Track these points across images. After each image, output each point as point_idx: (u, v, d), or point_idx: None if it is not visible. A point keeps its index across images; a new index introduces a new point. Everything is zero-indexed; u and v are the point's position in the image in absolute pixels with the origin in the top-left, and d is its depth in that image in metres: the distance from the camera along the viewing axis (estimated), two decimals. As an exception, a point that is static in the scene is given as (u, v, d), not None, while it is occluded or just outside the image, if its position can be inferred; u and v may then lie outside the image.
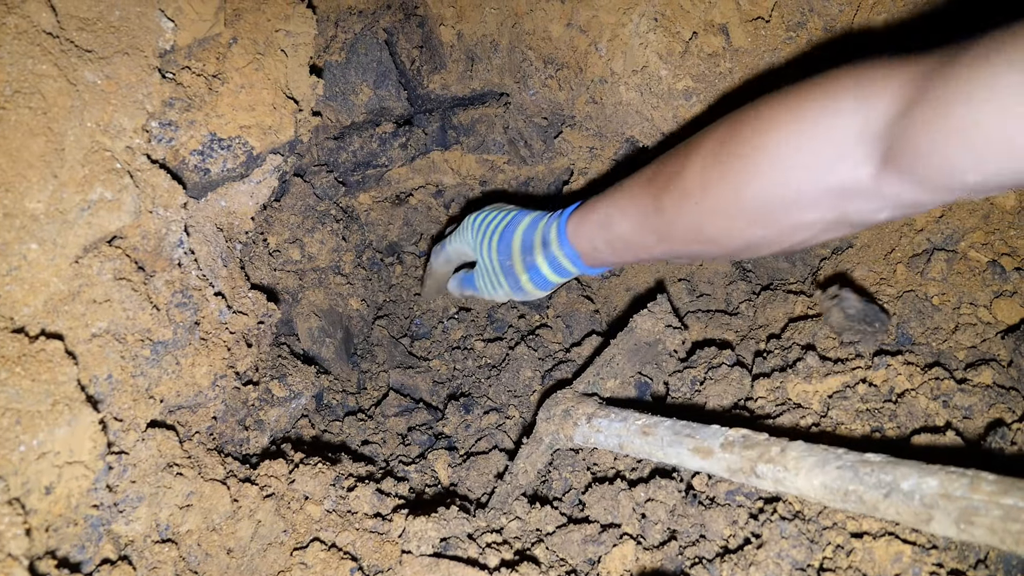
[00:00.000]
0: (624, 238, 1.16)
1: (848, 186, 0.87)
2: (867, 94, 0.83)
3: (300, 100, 1.41)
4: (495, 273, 1.40)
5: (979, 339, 1.25)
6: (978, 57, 0.72)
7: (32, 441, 0.92)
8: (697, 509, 1.16)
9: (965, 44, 0.75)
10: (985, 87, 0.70)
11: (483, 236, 1.43)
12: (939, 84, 0.75)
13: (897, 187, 0.84)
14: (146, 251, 1.15)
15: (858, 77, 0.85)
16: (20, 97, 1.00)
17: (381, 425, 1.63)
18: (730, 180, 0.95)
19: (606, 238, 1.19)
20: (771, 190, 0.91)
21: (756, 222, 0.96)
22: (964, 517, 0.84)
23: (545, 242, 1.30)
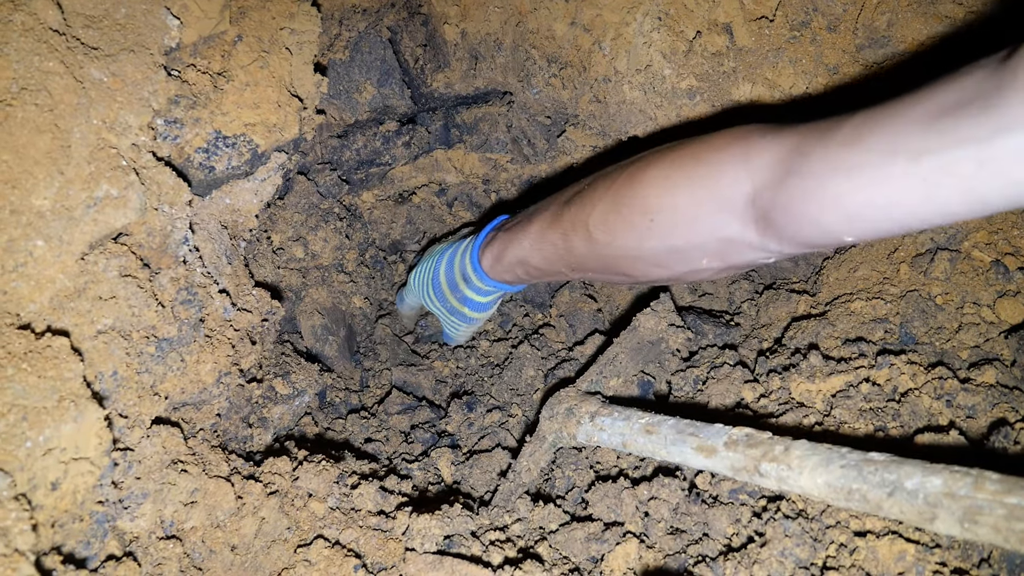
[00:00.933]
0: (540, 268, 1.30)
1: (736, 240, 0.98)
2: (751, 161, 0.92)
3: (304, 98, 1.41)
4: (446, 317, 1.60)
5: (982, 339, 1.26)
6: (849, 136, 0.81)
7: (38, 437, 0.92)
8: (700, 507, 1.16)
9: (839, 119, 0.84)
10: (854, 165, 0.80)
11: (423, 292, 1.62)
12: (815, 159, 0.84)
13: (778, 244, 0.95)
14: (151, 248, 1.15)
15: (745, 144, 0.95)
16: (27, 94, 1.00)
17: (384, 423, 1.64)
18: (634, 232, 1.06)
19: (523, 270, 1.33)
20: (670, 242, 1.04)
21: (659, 265, 1.09)
22: (968, 516, 0.84)
23: (466, 278, 1.47)
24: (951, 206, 0.77)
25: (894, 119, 0.79)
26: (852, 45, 1.59)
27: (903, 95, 0.81)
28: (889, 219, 0.82)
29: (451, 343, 1.79)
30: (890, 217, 0.82)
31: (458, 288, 1.50)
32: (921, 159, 0.76)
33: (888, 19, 1.55)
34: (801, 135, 0.89)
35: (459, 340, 1.73)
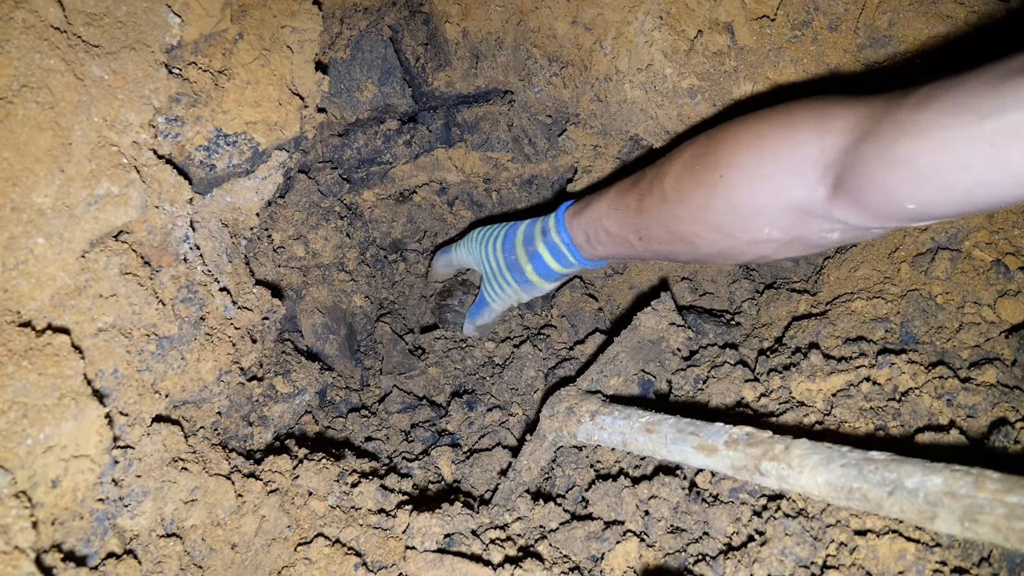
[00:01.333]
0: (610, 233, 1.31)
1: (803, 206, 0.98)
2: (824, 126, 0.94)
3: (305, 97, 1.41)
4: (500, 272, 1.56)
5: (983, 338, 1.26)
6: (919, 102, 0.82)
7: (39, 435, 0.92)
8: (701, 506, 1.16)
9: (910, 90, 0.85)
10: (923, 128, 0.81)
11: (486, 240, 1.59)
12: (886, 123, 0.85)
13: (845, 211, 0.95)
14: (152, 246, 1.15)
15: (817, 110, 0.96)
16: (27, 91, 1.00)
17: (384, 422, 1.64)
18: (702, 189, 1.07)
19: (596, 231, 1.35)
20: (736, 200, 1.03)
21: (722, 230, 1.09)
22: (968, 515, 0.84)
23: (544, 231, 1.46)
24: (1015, 166, 0.77)
25: (963, 84, 0.80)
26: (853, 45, 1.59)
27: (974, 67, 0.82)
28: (956, 185, 0.82)
29: (474, 322, 1.76)
30: (957, 183, 0.82)
31: (533, 241, 1.48)
32: (986, 120, 0.76)
33: (889, 18, 1.55)
34: (873, 103, 0.90)
35: (484, 319, 1.72)
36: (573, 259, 1.44)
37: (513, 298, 1.60)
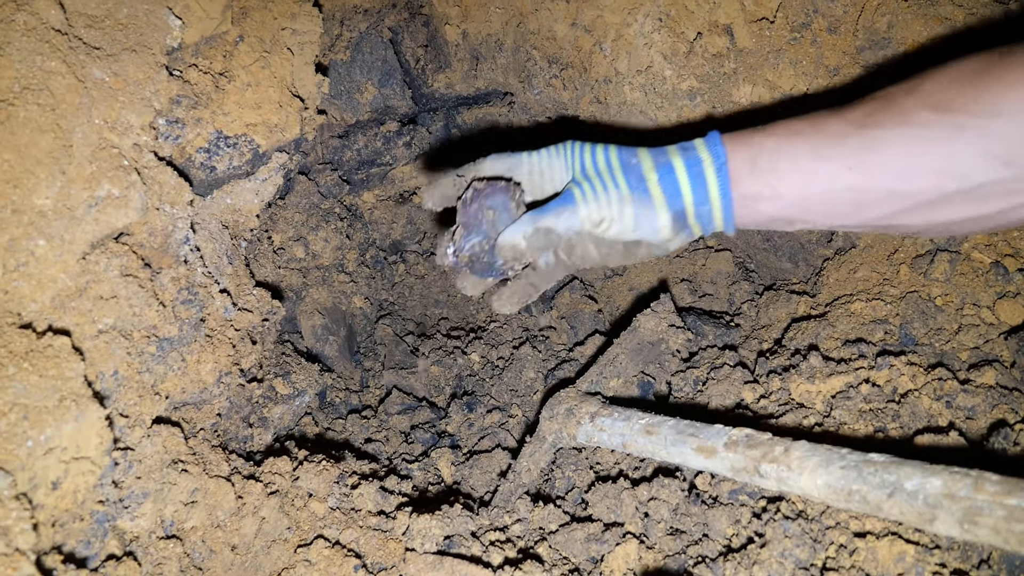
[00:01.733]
0: (797, 159, 0.92)
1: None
2: None
3: (306, 98, 1.42)
4: (609, 169, 1.00)
5: (982, 340, 1.26)
6: None
7: (39, 436, 0.92)
8: (700, 508, 1.17)
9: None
10: None
11: (589, 144, 1.06)
12: None
13: None
14: (153, 248, 1.15)
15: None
16: (29, 94, 1.00)
17: (384, 423, 1.64)
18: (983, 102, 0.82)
19: (773, 156, 0.93)
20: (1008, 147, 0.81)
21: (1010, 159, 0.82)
22: (968, 517, 0.84)
23: (685, 147, 0.98)
24: None
25: None
26: (852, 47, 1.59)
27: None
28: None
29: (537, 223, 1.01)
30: None
31: (665, 152, 0.99)
32: None
33: (888, 21, 1.56)
34: None
35: (554, 222, 1.01)
36: (717, 191, 0.95)
37: (611, 209, 0.98)
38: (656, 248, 1.00)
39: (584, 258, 1.03)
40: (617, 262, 1.04)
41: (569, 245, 1.02)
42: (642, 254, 1.02)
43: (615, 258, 1.03)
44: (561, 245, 1.02)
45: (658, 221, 0.97)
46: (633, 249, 1.01)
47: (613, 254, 1.02)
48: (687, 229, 0.98)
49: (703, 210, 0.96)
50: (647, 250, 1.01)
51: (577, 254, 1.03)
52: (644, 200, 0.96)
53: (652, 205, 0.96)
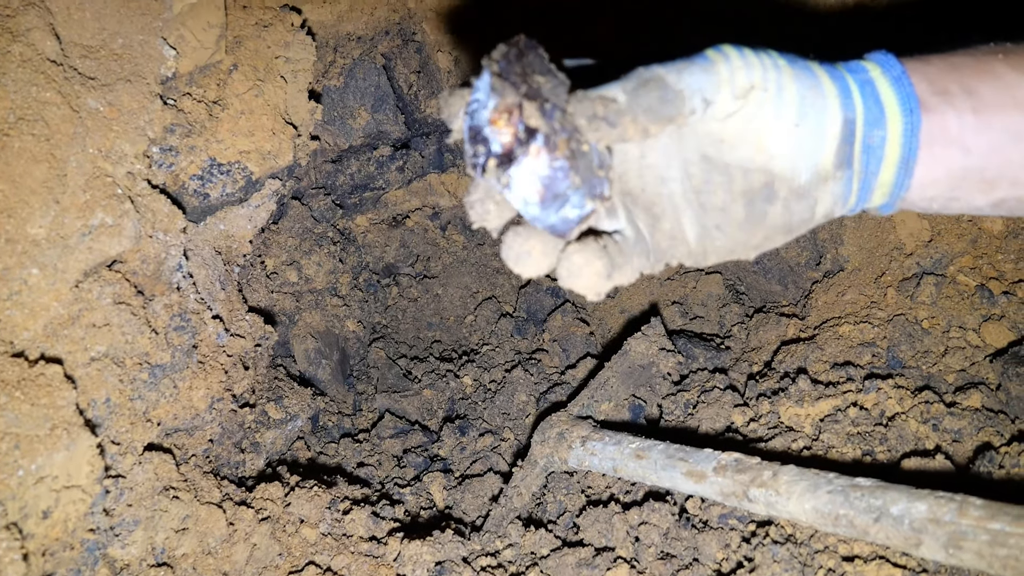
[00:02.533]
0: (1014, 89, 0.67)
1: None
2: None
3: (299, 125, 1.43)
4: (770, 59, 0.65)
5: (968, 362, 1.27)
6: None
7: (31, 466, 0.93)
8: (690, 532, 1.17)
9: None
10: None
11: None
12: None
13: None
14: (145, 275, 1.16)
15: None
16: (24, 124, 1.01)
17: (377, 447, 1.64)
18: None
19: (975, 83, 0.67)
20: None
21: None
22: (952, 542, 0.85)
23: (853, 68, 0.69)
24: None
25: None
26: None
27: None
28: None
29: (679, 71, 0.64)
30: None
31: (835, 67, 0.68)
32: None
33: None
34: None
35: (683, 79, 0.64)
36: (896, 105, 0.66)
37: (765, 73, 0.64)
38: (797, 204, 0.66)
39: (679, 222, 0.67)
40: (726, 240, 0.68)
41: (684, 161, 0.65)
42: (771, 222, 0.67)
43: (730, 225, 0.67)
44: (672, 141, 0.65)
45: (827, 117, 0.64)
46: (762, 207, 0.66)
47: (729, 214, 0.66)
48: (849, 167, 0.66)
49: (875, 136, 0.66)
50: (782, 212, 0.66)
51: (674, 202, 0.66)
52: (810, 78, 0.64)
53: (821, 87, 0.64)
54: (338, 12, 1.61)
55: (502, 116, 0.60)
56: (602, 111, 0.60)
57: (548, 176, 0.60)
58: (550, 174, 0.60)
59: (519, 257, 0.64)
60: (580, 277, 0.63)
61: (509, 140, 0.60)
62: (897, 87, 0.66)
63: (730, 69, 0.62)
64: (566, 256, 0.63)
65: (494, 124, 0.60)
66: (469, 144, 0.62)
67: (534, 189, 0.61)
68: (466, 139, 0.62)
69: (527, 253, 0.64)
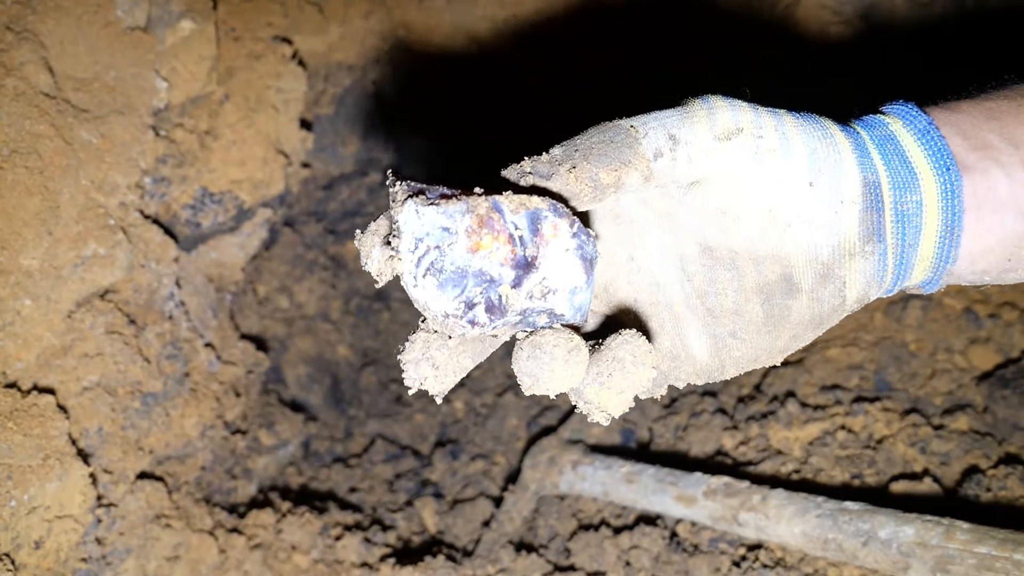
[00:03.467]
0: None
1: None
2: None
3: (290, 153, 1.45)
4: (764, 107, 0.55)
5: (955, 385, 1.28)
6: None
7: (23, 496, 0.93)
8: (681, 556, 1.18)
9: None
10: None
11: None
12: None
13: None
14: (138, 305, 1.17)
15: None
16: (17, 157, 1.02)
17: (368, 472, 1.64)
18: None
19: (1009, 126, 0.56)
20: None
21: None
22: (940, 566, 0.86)
23: (869, 123, 0.58)
24: None
25: None
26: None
27: None
28: None
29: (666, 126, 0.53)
30: None
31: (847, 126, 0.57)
32: None
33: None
34: None
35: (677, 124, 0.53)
36: (927, 163, 0.55)
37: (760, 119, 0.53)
38: (823, 290, 0.54)
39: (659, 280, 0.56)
40: (746, 348, 0.56)
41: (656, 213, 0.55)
42: (796, 318, 0.54)
43: (748, 330, 0.55)
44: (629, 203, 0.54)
45: (844, 177, 0.52)
46: (783, 302, 0.54)
47: (745, 317, 0.55)
48: (880, 240, 0.53)
49: (909, 202, 0.54)
50: (808, 304, 0.54)
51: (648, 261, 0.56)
52: (818, 129, 0.53)
53: (834, 140, 0.53)
54: (329, 42, 1.63)
55: (482, 229, 0.45)
56: (529, 166, 0.49)
57: (579, 244, 0.47)
58: (579, 241, 0.47)
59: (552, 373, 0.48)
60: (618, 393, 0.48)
61: (508, 250, 0.45)
62: (925, 142, 0.54)
63: (709, 107, 0.52)
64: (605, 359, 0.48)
65: (479, 248, 0.44)
66: (455, 301, 0.45)
67: (578, 267, 0.47)
68: (444, 301, 0.45)
69: (561, 366, 0.47)
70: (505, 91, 1.90)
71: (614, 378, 0.47)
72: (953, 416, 1.23)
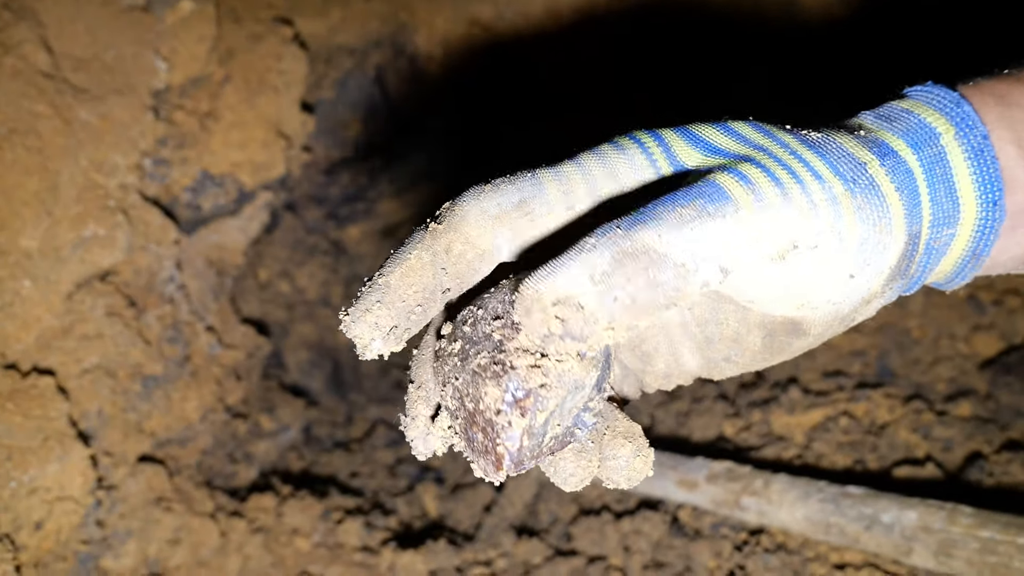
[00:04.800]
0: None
1: None
2: None
3: (291, 136, 1.44)
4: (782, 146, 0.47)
5: (958, 371, 1.28)
6: None
7: (23, 477, 0.93)
8: (683, 541, 1.17)
9: None
10: None
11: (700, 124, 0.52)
12: None
13: None
14: (138, 287, 1.16)
15: None
16: (16, 136, 1.02)
17: (369, 457, 1.64)
18: None
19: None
20: None
21: None
22: (943, 549, 0.86)
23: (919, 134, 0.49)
24: None
25: None
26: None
27: None
28: None
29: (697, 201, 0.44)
30: None
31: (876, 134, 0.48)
32: None
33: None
34: None
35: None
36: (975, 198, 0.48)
37: (817, 214, 0.44)
38: (831, 331, 0.50)
39: (679, 362, 0.54)
40: (737, 369, 0.54)
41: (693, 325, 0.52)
42: (795, 350, 0.52)
43: (743, 355, 0.52)
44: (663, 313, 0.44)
45: (889, 253, 0.46)
46: (785, 340, 0.51)
47: (743, 345, 0.51)
48: (903, 277, 0.49)
49: (943, 236, 0.49)
50: (812, 341, 0.51)
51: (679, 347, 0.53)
52: (875, 207, 0.45)
53: (888, 216, 0.46)
54: (330, 24, 1.61)
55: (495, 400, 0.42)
56: (558, 328, 0.41)
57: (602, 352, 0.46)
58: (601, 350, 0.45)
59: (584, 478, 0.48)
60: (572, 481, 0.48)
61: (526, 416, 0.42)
62: (978, 167, 0.47)
63: (760, 206, 0.43)
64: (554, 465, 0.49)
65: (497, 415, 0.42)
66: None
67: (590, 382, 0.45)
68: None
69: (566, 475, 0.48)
70: (507, 74, 1.89)
71: (620, 481, 0.48)
72: (956, 402, 1.23)
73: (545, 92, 1.89)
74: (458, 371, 0.45)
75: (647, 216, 0.42)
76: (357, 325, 0.45)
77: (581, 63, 1.87)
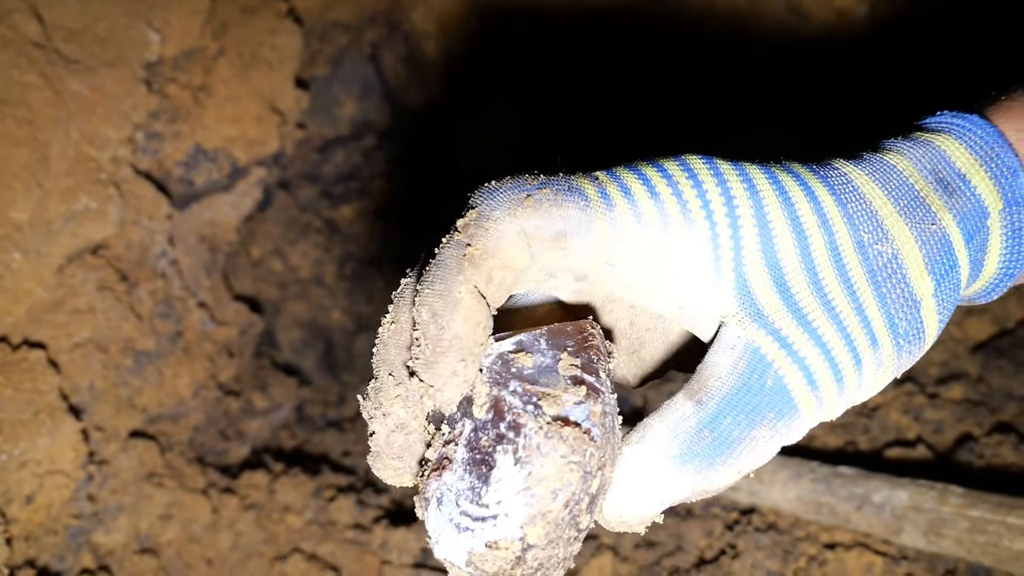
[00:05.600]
0: None
1: None
2: None
3: (285, 112, 1.42)
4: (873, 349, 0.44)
5: (950, 355, 1.28)
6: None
7: (14, 450, 0.92)
8: (674, 520, 1.18)
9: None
10: None
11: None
12: None
13: None
14: (130, 261, 1.16)
15: None
16: (5, 107, 1.00)
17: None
18: None
19: None
20: None
21: None
22: (933, 529, 0.86)
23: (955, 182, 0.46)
24: None
25: None
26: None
27: None
28: None
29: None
30: None
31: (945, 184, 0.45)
32: None
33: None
34: None
35: None
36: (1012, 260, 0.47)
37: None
38: None
39: None
40: None
41: None
42: None
43: None
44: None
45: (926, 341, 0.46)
46: None
47: None
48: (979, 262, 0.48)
49: (979, 295, 0.50)
50: None
51: None
52: (916, 343, 0.45)
53: (923, 337, 0.45)
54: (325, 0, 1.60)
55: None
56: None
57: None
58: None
59: None
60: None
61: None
62: (1010, 244, 0.46)
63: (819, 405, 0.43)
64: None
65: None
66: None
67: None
68: None
69: None
70: (503, 52, 1.88)
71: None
72: (947, 385, 1.23)
73: (541, 71, 1.88)
74: None
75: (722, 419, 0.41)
76: (449, 390, 0.41)
77: (580, 45, 1.86)
